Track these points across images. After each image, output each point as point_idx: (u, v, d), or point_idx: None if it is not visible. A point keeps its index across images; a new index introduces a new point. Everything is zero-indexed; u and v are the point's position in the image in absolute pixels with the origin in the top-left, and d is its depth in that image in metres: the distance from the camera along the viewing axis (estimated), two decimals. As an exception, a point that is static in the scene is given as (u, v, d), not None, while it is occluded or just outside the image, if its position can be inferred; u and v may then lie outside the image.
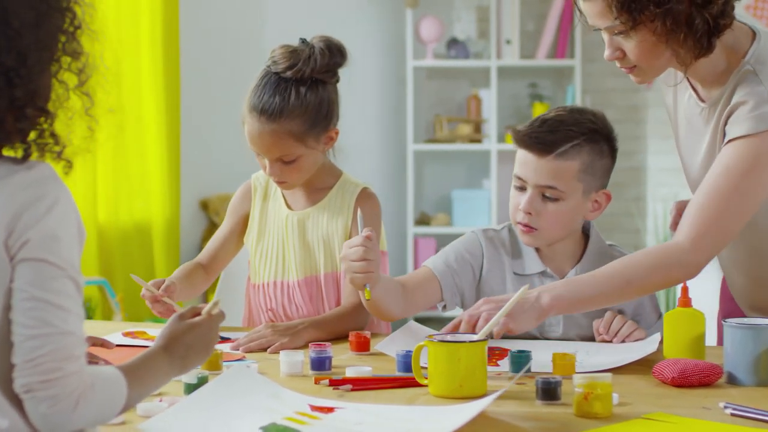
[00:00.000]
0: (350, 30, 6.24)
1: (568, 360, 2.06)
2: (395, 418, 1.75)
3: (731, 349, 2.03)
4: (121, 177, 5.14)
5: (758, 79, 2.15)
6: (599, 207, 2.46)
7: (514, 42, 6.19)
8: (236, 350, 2.38)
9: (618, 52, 2.20)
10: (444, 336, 1.98)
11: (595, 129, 2.41)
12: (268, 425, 1.70)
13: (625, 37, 2.16)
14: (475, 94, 6.31)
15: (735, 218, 2.15)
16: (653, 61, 2.18)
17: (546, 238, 2.44)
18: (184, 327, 1.69)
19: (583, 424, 1.74)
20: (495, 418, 1.79)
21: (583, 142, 2.39)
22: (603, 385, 1.79)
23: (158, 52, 5.26)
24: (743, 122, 2.14)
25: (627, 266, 2.20)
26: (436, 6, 6.37)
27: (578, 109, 2.44)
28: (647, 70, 2.21)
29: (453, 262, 2.48)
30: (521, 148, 2.42)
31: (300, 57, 2.58)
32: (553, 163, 2.38)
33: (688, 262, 2.16)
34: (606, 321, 2.38)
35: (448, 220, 6.31)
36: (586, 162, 2.39)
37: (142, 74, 5.24)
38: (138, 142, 5.23)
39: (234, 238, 2.77)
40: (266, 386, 1.87)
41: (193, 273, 2.72)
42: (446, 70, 6.43)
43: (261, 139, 2.55)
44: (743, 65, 2.17)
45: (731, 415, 1.78)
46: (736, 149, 2.14)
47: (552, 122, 2.40)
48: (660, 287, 2.27)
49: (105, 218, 5.07)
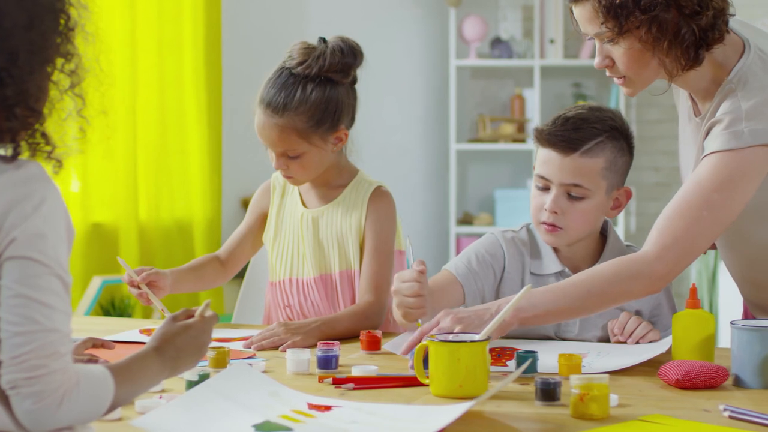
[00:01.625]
0: (393, 30, 6.27)
1: (574, 361, 2.05)
2: (390, 417, 1.75)
3: (738, 351, 2.02)
4: (163, 175, 5.19)
5: (737, 97, 2.13)
6: (620, 205, 2.46)
7: (557, 41, 6.16)
8: (248, 348, 2.40)
9: (607, 60, 2.20)
10: (446, 336, 1.98)
11: (615, 126, 2.41)
12: (261, 423, 1.71)
13: (613, 44, 2.16)
14: (518, 94, 6.29)
15: (703, 233, 2.12)
16: (640, 70, 2.18)
17: (570, 237, 2.43)
18: (177, 329, 1.71)
19: (578, 426, 1.74)
20: (491, 417, 1.79)
21: (606, 139, 2.38)
22: (599, 387, 1.78)
23: (200, 50, 5.31)
24: (717, 138, 2.12)
25: (589, 276, 2.16)
26: (479, 5, 6.35)
27: (597, 107, 2.44)
28: (635, 80, 2.21)
29: (475, 265, 2.47)
30: (545, 147, 2.42)
31: (312, 54, 2.60)
32: (579, 161, 2.37)
33: (651, 273, 2.12)
34: (621, 322, 2.37)
35: (491, 220, 6.29)
36: (610, 159, 2.39)
37: (184, 72, 5.28)
38: (179, 140, 5.28)
39: (251, 236, 2.81)
40: (265, 384, 1.88)
41: (206, 265, 2.76)
42: (490, 69, 6.41)
43: (266, 132, 2.60)
44: (727, 82, 2.16)
45: (729, 417, 1.77)
46: (710, 164, 2.12)
47: (575, 120, 2.39)
48: (621, 299, 2.20)
49: (146, 216, 5.12)
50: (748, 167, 2.11)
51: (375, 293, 2.58)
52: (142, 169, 5.09)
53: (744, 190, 2.12)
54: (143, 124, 5.08)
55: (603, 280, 2.14)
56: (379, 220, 2.65)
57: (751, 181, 2.12)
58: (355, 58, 2.64)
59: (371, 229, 2.64)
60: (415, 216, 6.34)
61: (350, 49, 2.64)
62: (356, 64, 2.65)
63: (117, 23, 4.92)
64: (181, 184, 5.29)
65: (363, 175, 2.74)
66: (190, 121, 5.30)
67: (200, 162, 5.31)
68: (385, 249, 2.64)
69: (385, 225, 2.65)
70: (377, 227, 2.64)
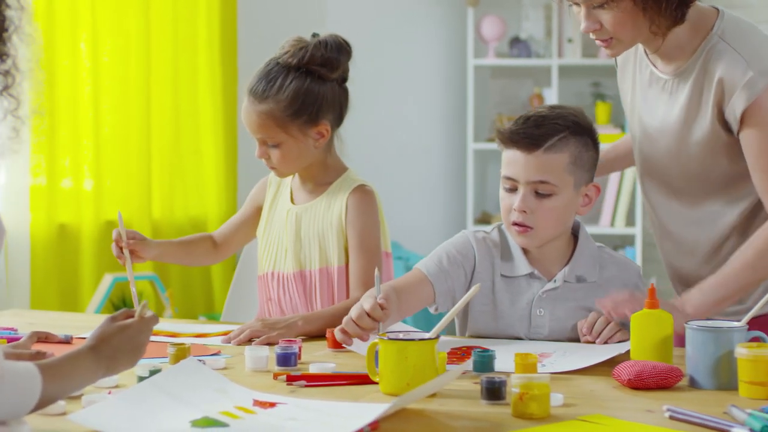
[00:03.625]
0: (411, 29, 6.27)
1: (529, 360, 2.05)
2: (327, 413, 1.76)
3: (692, 352, 2.01)
4: (177, 173, 5.22)
5: (729, 47, 2.30)
6: (590, 201, 2.45)
7: (575, 41, 6.14)
8: (227, 343, 2.42)
9: (596, 24, 2.32)
10: (397, 334, 1.99)
11: (577, 122, 2.41)
12: (200, 419, 1.73)
13: (605, 8, 2.27)
14: (538, 93, 6.27)
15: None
16: (630, 31, 2.31)
17: (541, 237, 2.42)
18: (114, 329, 1.73)
19: (514, 424, 1.74)
20: (430, 415, 1.80)
21: (569, 134, 2.38)
22: (539, 386, 1.78)
23: (216, 48, 5.33)
24: (739, 98, 2.28)
25: (747, 256, 2.30)
26: (497, 5, 6.34)
27: (558, 106, 2.45)
28: (624, 40, 2.34)
29: (446, 264, 2.47)
30: (508, 148, 2.42)
31: (296, 47, 2.63)
32: (543, 158, 2.37)
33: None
34: (589, 322, 2.36)
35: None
36: (575, 154, 2.39)
37: (199, 70, 5.31)
38: (194, 138, 5.31)
39: (245, 226, 2.87)
40: (214, 380, 1.89)
41: (198, 243, 2.85)
42: (510, 68, 6.40)
43: (247, 118, 2.66)
44: (711, 37, 2.33)
45: (670, 418, 1.76)
46: (751, 129, 2.29)
47: (536, 118, 2.40)
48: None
49: (160, 214, 5.15)
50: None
51: (363, 291, 2.58)
52: (156, 167, 5.12)
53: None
54: (157, 122, 5.11)
55: (763, 254, 2.28)
56: (359, 217, 2.65)
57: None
58: (340, 54, 2.66)
59: (352, 226, 2.65)
60: (433, 215, 6.34)
61: (336, 44, 2.66)
62: (341, 60, 2.66)
63: (132, 21, 4.96)
64: (195, 183, 5.32)
65: (350, 174, 2.75)
66: (205, 119, 5.33)
67: (215, 160, 5.34)
68: (369, 246, 2.65)
69: (367, 221, 2.66)
70: (358, 224, 2.65)
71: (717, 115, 2.35)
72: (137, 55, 4.99)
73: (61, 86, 4.69)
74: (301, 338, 2.34)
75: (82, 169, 4.83)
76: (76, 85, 4.75)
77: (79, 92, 4.77)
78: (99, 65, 4.84)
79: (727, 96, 2.31)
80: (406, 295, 2.39)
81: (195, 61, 5.30)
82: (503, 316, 2.45)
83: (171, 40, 5.20)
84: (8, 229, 4.56)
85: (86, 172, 4.84)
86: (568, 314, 2.43)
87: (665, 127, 2.44)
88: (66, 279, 4.78)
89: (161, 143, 5.15)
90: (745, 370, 1.92)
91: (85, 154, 4.81)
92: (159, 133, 5.13)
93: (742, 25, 2.37)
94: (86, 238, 4.81)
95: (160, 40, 5.14)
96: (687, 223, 2.51)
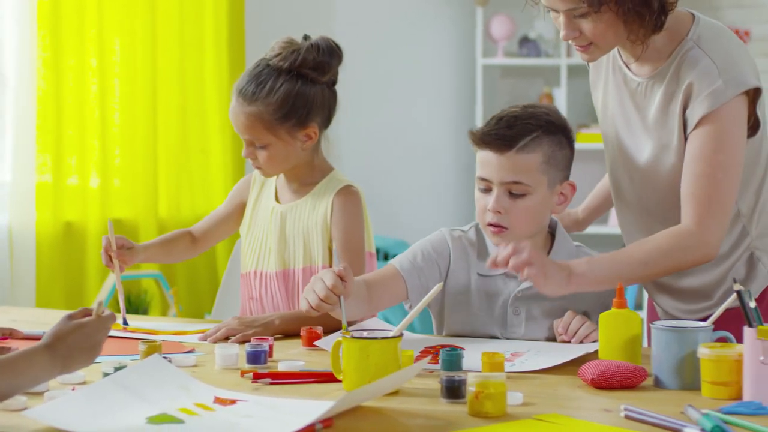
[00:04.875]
0: (420, 28, 6.27)
1: (496, 359, 2.06)
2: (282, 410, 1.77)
3: (657, 352, 2.01)
4: (183, 172, 5.23)
5: (703, 53, 2.30)
6: (565, 199, 2.46)
7: (584, 40, 6.13)
8: (204, 341, 2.43)
9: (576, 32, 2.32)
10: (361, 332, 2.00)
11: (551, 121, 2.41)
12: (156, 415, 1.75)
13: (586, 17, 2.28)
14: (547, 93, 6.27)
15: (727, 191, 2.28)
16: (611, 39, 2.32)
17: (516, 236, 2.42)
18: (70, 327, 1.75)
19: (470, 423, 1.75)
20: (386, 413, 1.81)
21: (542, 134, 2.39)
22: (495, 385, 1.78)
23: (223, 48, 5.34)
24: (703, 102, 2.28)
25: (644, 250, 2.28)
26: (506, 4, 6.34)
27: (531, 105, 2.46)
28: (603, 47, 2.35)
29: (420, 261, 2.48)
30: (481, 149, 2.42)
31: (288, 48, 2.63)
32: (516, 158, 2.37)
33: (702, 243, 2.27)
34: (565, 321, 2.37)
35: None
36: (548, 153, 2.39)
37: (205, 69, 5.31)
38: (200, 137, 5.32)
39: (226, 222, 2.87)
40: (177, 378, 1.91)
41: (177, 240, 2.86)
42: (519, 68, 6.39)
43: (235, 119, 2.66)
44: (686, 42, 2.33)
45: (625, 417, 1.76)
46: (702, 131, 2.29)
47: (508, 118, 2.40)
48: (677, 270, 2.35)
49: (166, 213, 5.17)
50: (736, 116, 2.28)
51: None
52: (163, 165, 5.13)
53: (741, 137, 2.30)
54: (164, 120, 5.13)
55: (659, 253, 2.27)
56: (344, 217, 2.66)
57: (741, 127, 2.30)
58: (331, 57, 2.66)
59: (337, 227, 2.66)
60: (442, 215, 6.34)
61: (328, 48, 2.66)
62: (333, 63, 2.67)
63: (138, 20, 4.98)
64: (201, 182, 5.33)
65: (336, 174, 2.75)
66: (212, 118, 5.34)
67: (222, 159, 5.35)
68: (353, 246, 2.66)
69: (351, 222, 2.67)
70: (343, 224, 2.66)
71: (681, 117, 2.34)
72: (144, 54, 5.00)
73: (68, 85, 4.72)
74: (274, 337, 2.35)
75: (88, 168, 4.85)
76: (83, 84, 4.78)
77: (85, 90, 4.80)
78: (106, 64, 4.86)
79: (692, 99, 2.30)
80: (377, 289, 2.41)
81: (202, 59, 5.31)
82: (479, 314, 2.46)
83: (178, 39, 5.21)
84: (13, 227, 4.60)
85: (93, 171, 4.86)
86: (544, 313, 2.43)
87: (634, 129, 2.44)
88: (71, 277, 4.80)
89: (168, 141, 5.17)
90: (707, 370, 1.92)
91: (92, 152, 4.84)
92: (166, 132, 5.15)
93: (717, 32, 2.37)
94: (92, 236, 4.83)
95: (166, 38, 5.16)
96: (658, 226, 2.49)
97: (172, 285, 5.06)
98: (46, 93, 4.66)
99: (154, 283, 4.97)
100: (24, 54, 4.60)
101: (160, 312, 5.01)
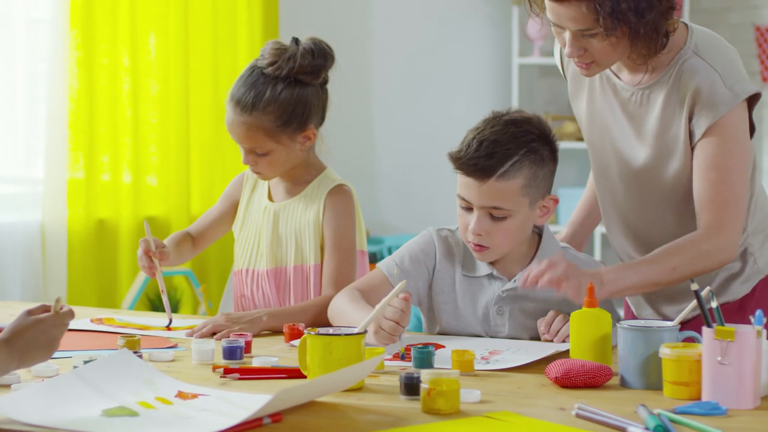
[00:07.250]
0: (456, 28, 6.27)
1: (465, 357, 2.07)
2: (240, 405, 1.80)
3: (623, 351, 2.01)
4: (216, 169, 5.27)
5: (703, 62, 2.32)
6: (548, 211, 2.45)
7: (621, 39, 6.09)
8: (191, 337, 2.47)
9: (581, 51, 2.30)
10: (327, 329, 2.02)
11: (532, 139, 2.38)
12: (113, 408, 1.78)
13: (594, 37, 2.26)
14: (585, 92, 6.23)
15: (741, 192, 2.33)
16: (616, 57, 2.33)
17: (498, 253, 2.43)
18: (29, 322, 1.79)
19: (421, 419, 1.76)
20: (339, 410, 1.83)
21: (522, 157, 2.36)
22: (448, 382, 1.80)
23: (256, 47, 5.34)
24: (709, 112, 2.30)
25: (670, 255, 2.30)
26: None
27: (513, 121, 2.40)
28: (604, 65, 2.35)
29: (407, 264, 2.49)
30: (461, 174, 2.42)
31: (283, 55, 2.65)
32: (495, 186, 2.36)
33: (724, 246, 2.31)
34: (547, 321, 2.37)
35: (554, 219, 6.25)
36: (529, 176, 2.37)
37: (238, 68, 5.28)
38: (234, 136, 5.35)
39: (221, 221, 2.89)
40: (143, 372, 1.94)
41: (183, 241, 2.85)
42: (556, 67, 6.35)
43: (234, 130, 2.66)
44: (685, 51, 2.34)
45: (576, 416, 1.77)
46: (710, 139, 2.31)
47: (488, 144, 2.36)
48: (705, 272, 2.35)
49: (198, 211, 5.21)
50: (741, 121, 2.33)
51: (334, 289, 2.61)
52: (195, 162, 5.18)
53: (747, 140, 2.35)
54: (196, 118, 5.17)
55: (687, 259, 2.30)
56: (336, 216, 2.69)
57: (746, 130, 2.35)
58: (325, 60, 2.68)
59: (329, 226, 2.68)
60: (479, 214, 6.33)
61: (321, 51, 2.68)
62: (327, 66, 2.69)
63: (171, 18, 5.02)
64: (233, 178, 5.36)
65: (329, 173, 2.77)
66: (245, 118, 5.38)
67: (254, 157, 5.38)
68: (344, 245, 2.68)
69: (343, 221, 2.69)
70: (335, 223, 2.68)
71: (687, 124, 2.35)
72: (177, 52, 5.05)
73: (101, 83, 4.79)
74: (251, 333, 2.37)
75: (121, 165, 4.92)
76: (116, 82, 4.85)
77: (118, 89, 4.86)
78: (138, 62, 4.92)
79: (698, 107, 2.31)
80: (369, 296, 2.43)
81: (235, 58, 5.34)
82: (464, 314, 2.47)
83: (211, 36, 5.24)
84: (45, 223, 4.68)
85: (125, 168, 4.92)
86: (528, 313, 2.44)
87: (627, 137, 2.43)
88: (103, 274, 4.86)
89: (200, 139, 5.20)
90: (668, 370, 1.92)
91: (124, 150, 4.90)
92: (198, 129, 5.19)
93: (713, 40, 2.38)
94: (124, 233, 4.89)
95: (200, 36, 5.19)
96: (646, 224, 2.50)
97: (201, 282, 5.10)
98: (79, 92, 4.73)
99: (184, 280, 5.02)
100: (57, 53, 4.68)
101: (191, 309, 5.07)
